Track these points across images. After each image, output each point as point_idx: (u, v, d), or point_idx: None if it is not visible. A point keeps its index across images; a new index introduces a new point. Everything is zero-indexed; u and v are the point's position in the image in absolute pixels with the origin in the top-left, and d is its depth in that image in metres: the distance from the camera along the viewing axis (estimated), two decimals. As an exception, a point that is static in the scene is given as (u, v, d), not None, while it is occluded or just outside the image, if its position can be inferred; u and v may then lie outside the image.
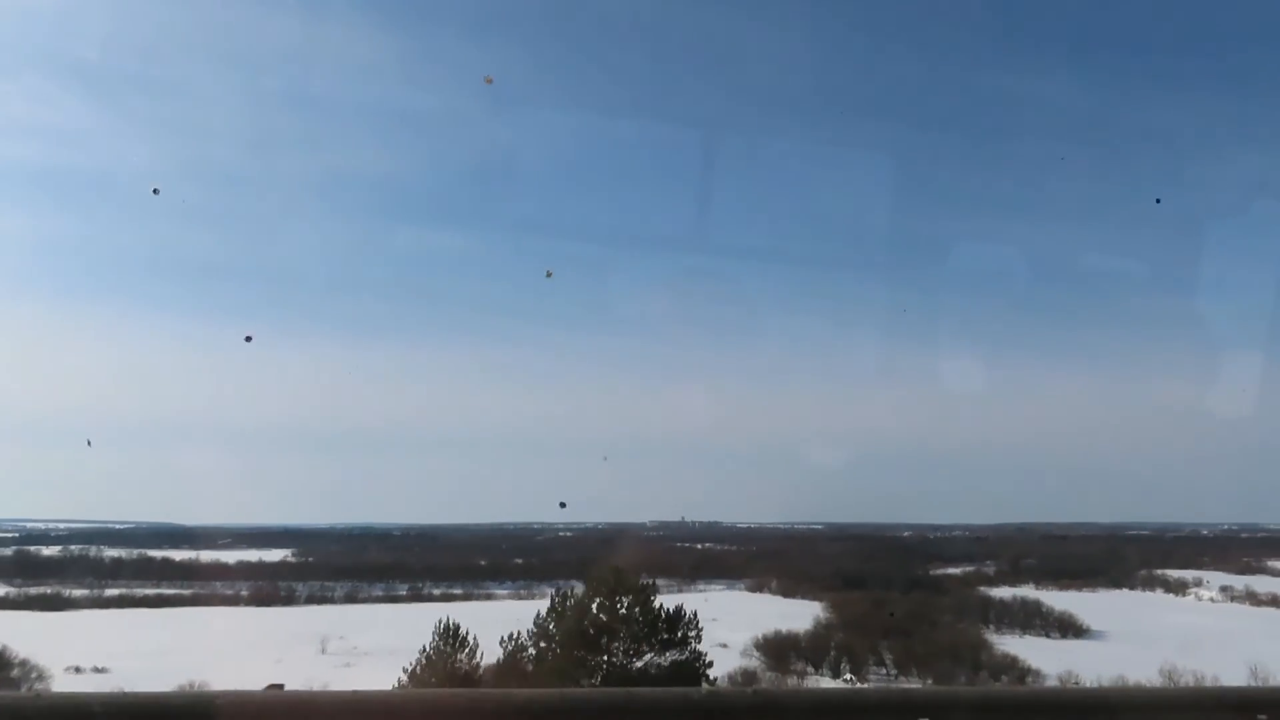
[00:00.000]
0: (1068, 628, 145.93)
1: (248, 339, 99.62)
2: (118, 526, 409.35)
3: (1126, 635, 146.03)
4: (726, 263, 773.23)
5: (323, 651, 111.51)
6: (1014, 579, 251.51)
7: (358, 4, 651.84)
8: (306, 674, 69.19)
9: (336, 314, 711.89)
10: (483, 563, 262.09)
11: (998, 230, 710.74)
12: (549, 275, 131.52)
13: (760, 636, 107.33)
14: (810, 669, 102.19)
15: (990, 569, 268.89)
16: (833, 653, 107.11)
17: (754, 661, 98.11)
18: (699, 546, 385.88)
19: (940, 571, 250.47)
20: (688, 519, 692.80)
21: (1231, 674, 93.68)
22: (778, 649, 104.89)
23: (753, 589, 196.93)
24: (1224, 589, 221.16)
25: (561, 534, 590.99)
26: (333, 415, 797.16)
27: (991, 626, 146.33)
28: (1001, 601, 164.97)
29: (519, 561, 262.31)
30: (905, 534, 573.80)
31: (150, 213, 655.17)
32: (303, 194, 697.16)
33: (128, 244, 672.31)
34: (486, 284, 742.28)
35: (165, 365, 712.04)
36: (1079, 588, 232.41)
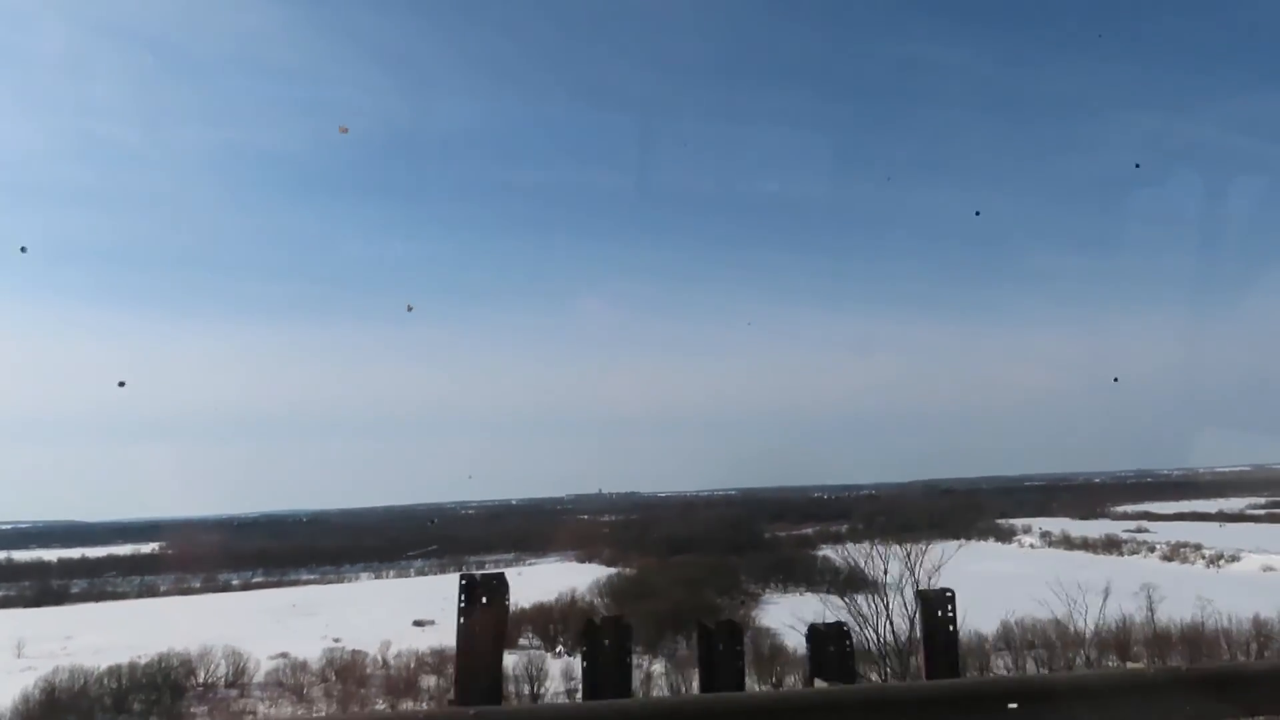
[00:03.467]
0: (856, 583, 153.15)
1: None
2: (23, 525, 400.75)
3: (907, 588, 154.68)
4: (645, 235, 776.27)
5: (18, 655, 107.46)
6: (858, 536, 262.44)
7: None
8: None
9: (238, 296, 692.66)
10: (341, 545, 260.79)
11: (905, 196, 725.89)
12: (410, 309, 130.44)
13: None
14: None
15: (843, 527, 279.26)
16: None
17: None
18: (584, 518, 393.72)
19: (792, 532, 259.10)
20: (604, 491, 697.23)
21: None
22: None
23: (581, 559, 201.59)
24: (1044, 534, 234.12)
25: (465, 512, 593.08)
26: (241, 401, 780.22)
27: (777, 585, 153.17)
28: (809, 558, 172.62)
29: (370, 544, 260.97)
30: (819, 495, 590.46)
31: (35, 194, 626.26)
32: (197, 171, 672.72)
33: (10, 227, 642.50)
34: (393, 264, 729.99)
35: (58, 356, 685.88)
36: (915, 540, 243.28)
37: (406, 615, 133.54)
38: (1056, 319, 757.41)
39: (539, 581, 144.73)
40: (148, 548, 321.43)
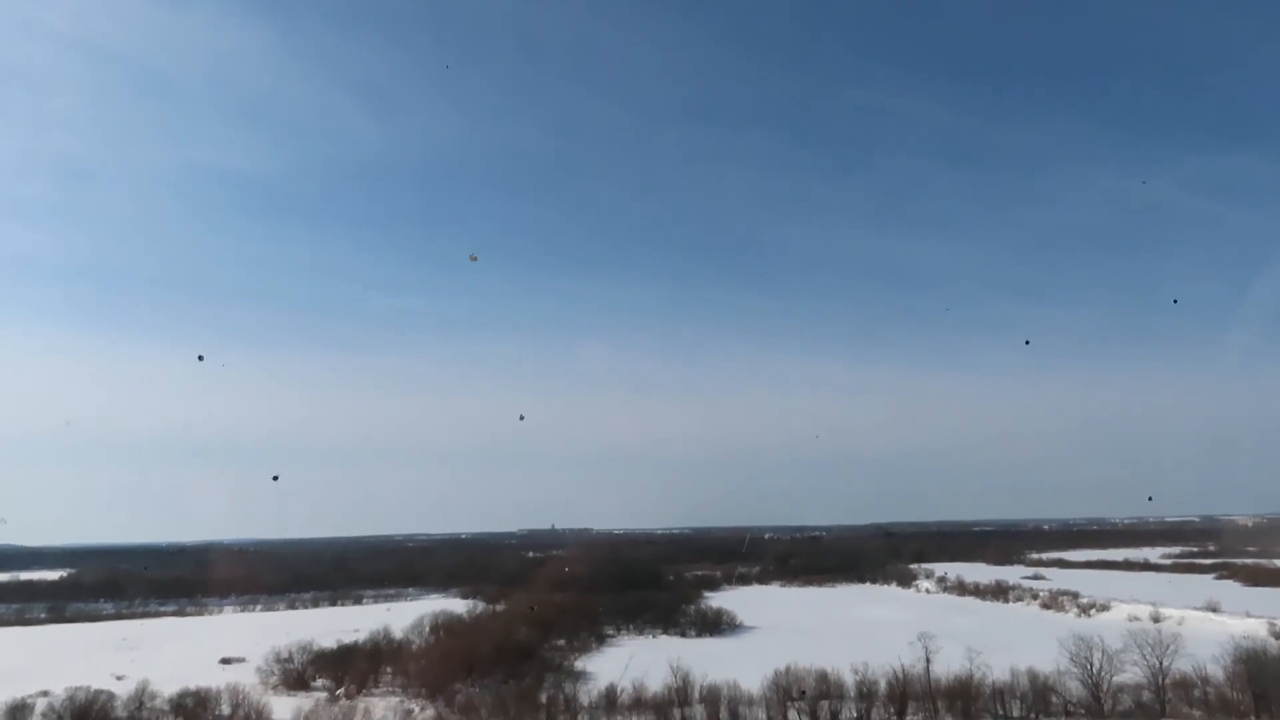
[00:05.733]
0: (713, 625, 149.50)
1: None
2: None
3: (766, 630, 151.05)
4: (616, 271, 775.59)
5: None
6: (767, 577, 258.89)
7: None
8: None
9: (202, 319, 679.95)
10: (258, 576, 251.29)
11: (860, 240, 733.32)
12: (474, 259, 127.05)
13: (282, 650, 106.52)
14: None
15: (755, 569, 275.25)
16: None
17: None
18: (529, 554, 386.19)
19: (699, 573, 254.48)
20: (557, 527, 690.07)
21: (784, 657, 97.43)
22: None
23: (465, 595, 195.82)
24: (940, 580, 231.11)
25: (406, 545, 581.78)
26: (198, 425, 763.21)
27: (638, 627, 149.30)
28: (681, 600, 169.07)
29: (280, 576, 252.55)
30: (769, 535, 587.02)
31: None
32: (159, 190, 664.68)
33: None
34: (350, 289, 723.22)
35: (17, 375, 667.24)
36: (820, 583, 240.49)
37: (228, 651, 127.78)
38: (1015, 367, 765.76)
39: (398, 619, 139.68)
40: (54, 575, 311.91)
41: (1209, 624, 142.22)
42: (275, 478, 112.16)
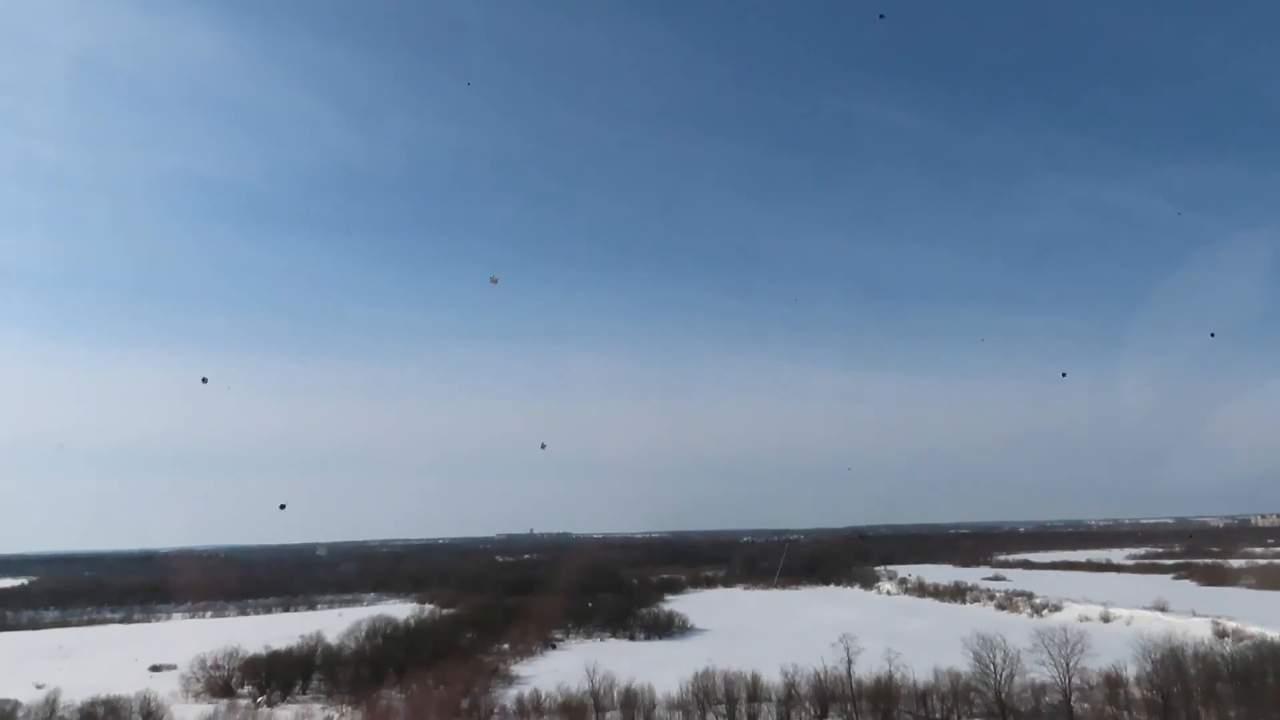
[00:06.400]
0: (663, 628, 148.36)
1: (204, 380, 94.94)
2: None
3: (715, 633, 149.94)
4: (600, 276, 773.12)
5: None
6: (732, 580, 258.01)
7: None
8: None
9: (177, 326, 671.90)
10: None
11: (841, 247, 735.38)
12: (494, 281, 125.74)
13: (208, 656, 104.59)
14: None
15: (722, 571, 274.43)
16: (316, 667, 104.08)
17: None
18: (500, 559, 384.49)
19: (663, 576, 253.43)
20: (535, 531, 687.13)
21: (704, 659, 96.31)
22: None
23: (420, 600, 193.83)
24: (902, 581, 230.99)
25: (380, 550, 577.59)
26: (183, 433, 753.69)
27: (588, 631, 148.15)
28: (635, 604, 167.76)
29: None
30: (747, 539, 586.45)
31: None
32: (137, 197, 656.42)
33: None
34: (330, 296, 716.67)
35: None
36: (785, 586, 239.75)
37: (163, 659, 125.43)
38: (995, 372, 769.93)
39: (349, 624, 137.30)
40: (15, 582, 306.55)
41: (1157, 623, 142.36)
42: (204, 379, 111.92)
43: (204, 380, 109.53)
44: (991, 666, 75.53)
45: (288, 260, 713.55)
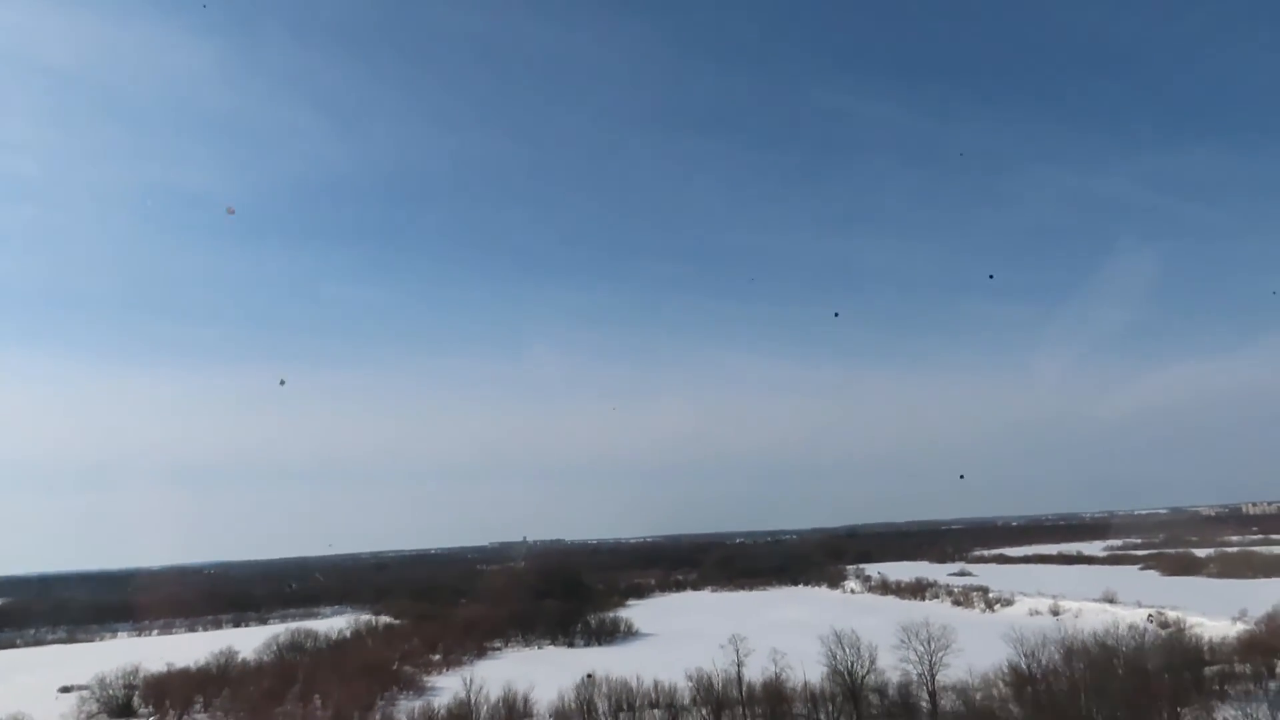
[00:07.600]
0: (607, 634, 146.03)
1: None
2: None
3: (660, 638, 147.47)
4: (587, 280, 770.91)
5: None
6: (703, 582, 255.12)
7: (171, 7, 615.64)
8: None
9: (164, 339, 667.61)
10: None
11: (825, 242, 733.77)
12: (282, 383, 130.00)
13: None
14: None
15: (694, 574, 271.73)
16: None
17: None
18: (486, 568, 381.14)
19: (633, 581, 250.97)
20: (528, 539, 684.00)
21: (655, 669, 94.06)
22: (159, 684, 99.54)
23: (376, 612, 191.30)
24: (866, 579, 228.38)
25: (367, 563, 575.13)
26: (173, 448, 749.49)
27: (530, 639, 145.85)
28: (585, 610, 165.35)
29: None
30: (739, 540, 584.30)
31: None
32: (121, 210, 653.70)
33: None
34: (317, 307, 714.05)
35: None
36: (753, 587, 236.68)
37: (81, 679, 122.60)
38: (982, 366, 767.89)
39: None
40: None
41: (1104, 615, 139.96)
42: (282, 381, 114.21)
43: (281, 382, 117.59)
44: (847, 664, 74.37)
45: (274, 271, 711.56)
